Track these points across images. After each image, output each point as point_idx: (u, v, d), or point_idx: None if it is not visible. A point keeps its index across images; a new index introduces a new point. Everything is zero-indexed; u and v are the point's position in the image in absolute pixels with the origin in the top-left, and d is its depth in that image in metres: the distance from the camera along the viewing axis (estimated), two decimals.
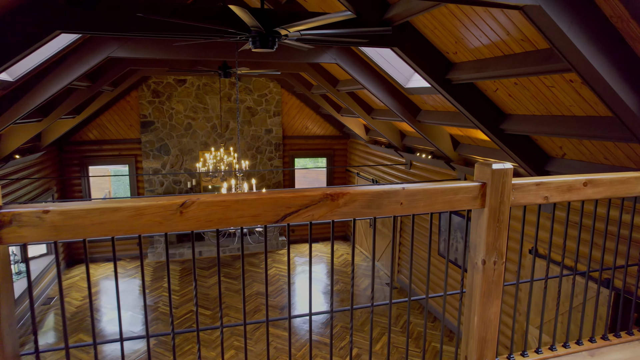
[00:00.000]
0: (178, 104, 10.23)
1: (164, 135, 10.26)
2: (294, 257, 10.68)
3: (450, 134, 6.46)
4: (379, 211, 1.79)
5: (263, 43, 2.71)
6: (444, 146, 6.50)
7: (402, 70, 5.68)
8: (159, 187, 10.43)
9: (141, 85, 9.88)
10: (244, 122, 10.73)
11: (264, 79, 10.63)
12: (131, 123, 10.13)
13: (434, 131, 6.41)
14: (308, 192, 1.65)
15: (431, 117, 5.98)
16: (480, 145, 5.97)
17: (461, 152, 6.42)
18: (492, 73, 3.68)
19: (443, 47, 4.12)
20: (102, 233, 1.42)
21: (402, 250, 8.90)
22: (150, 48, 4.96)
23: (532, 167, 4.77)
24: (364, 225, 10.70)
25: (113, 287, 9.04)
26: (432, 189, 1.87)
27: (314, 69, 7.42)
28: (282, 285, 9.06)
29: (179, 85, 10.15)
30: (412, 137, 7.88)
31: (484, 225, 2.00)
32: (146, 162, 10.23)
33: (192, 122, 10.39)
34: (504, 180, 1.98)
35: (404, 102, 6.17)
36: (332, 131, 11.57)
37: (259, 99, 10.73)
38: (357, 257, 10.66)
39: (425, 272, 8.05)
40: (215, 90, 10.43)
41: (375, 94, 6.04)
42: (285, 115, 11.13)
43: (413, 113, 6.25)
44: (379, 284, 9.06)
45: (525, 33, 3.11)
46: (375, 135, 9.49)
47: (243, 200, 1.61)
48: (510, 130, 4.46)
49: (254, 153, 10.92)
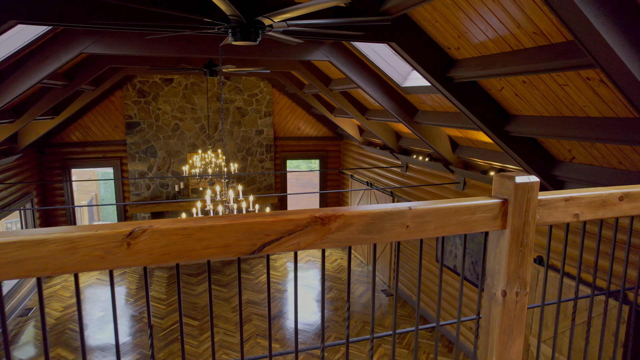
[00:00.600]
0: (165, 104, 9.84)
1: (150, 136, 9.86)
2: (286, 262, 10.33)
3: (449, 136, 6.15)
4: (380, 236, 1.44)
5: (244, 35, 2.37)
6: (442, 148, 6.18)
7: (399, 69, 5.36)
8: (145, 190, 10.03)
9: (126, 84, 9.47)
10: (233, 122, 10.35)
11: (254, 78, 10.28)
12: (116, 124, 9.72)
13: (431, 133, 6.09)
14: (292, 215, 1.30)
15: (429, 117, 5.66)
16: (481, 148, 5.66)
17: (460, 155, 6.11)
18: (499, 70, 3.36)
19: (444, 42, 3.79)
20: (21, 273, 1.05)
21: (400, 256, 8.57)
22: (128, 44, 4.59)
23: (538, 171, 4.47)
24: None
25: (97, 295, 8.64)
26: (445, 208, 1.52)
27: (305, 67, 7.08)
28: (274, 292, 8.71)
29: (165, 84, 9.76)
30: (409, 139, 7.56)
31: (505, 249, 1.65)
32: (132, 165, 9.83)
33: (179, 123, 10.00)
34: (529, 196, 1.63)
35: (400, 102, 5.85)
36: (325, 132, 11.23)
37: (249, 99, 10.37)
38: (351, 261, 10.32)
39: (423, 277, 7.74)
40: (204, 89, 10.05)
41: (370, 93, 5.71)
42: (276, 116, 10.78)
43: (410, 114, 5.93)
44: None
45: (538, 25, 2.79)
46: (370, 137, 9.17)
47: (209, 227, 1.25)
48: (516, 132, 4.15)
49: (244, 155, 10.55)
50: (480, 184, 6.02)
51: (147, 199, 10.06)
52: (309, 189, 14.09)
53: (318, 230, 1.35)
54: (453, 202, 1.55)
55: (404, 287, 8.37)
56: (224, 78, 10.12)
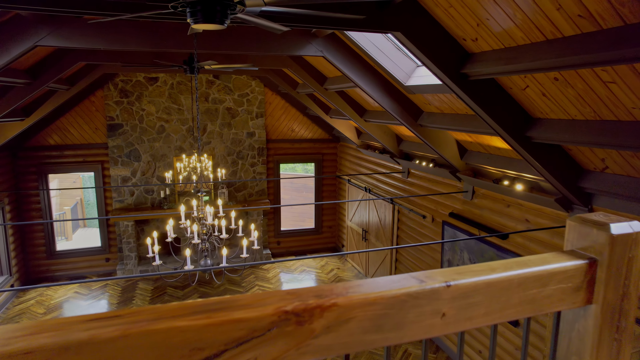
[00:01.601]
0: (149, 105, 9.21)
1: (133, 139, 9.23)
2: (279, 272, 9.72)
3: (457, 140, 5.56)
4: (400, 334, 0.81)
5: (206, 15, 1.78)
6: (448, 154, 5.59)
7: (402, 65, 4.76)
8: (129, 197, 9.39)
9: (107, 84, 8.84)
10: (223, 124, 9.73)
11: (244, 77, 9.66)
12: (97, 126, 9.08)
13: (437, 137, 5.50)
14: (244, 311, 0.68)
15: (435, 120, 5.07)
16: (493, 154, 5.07)
17: (469, 161, 5.51)
18: (527, 65, 2.76)
19: (459, 31, 3.19)
20: None
21: (399, 267, 7.99)
22: (90, 36, 3.97)
23: (564, 182, 3.88)
24: (356, 237, 9.78)
25: (77, 307, 8.01)
26: (502, 280, 0.89)
27: (298, 64, 6.47)
28: None
29: (150, 83, 9.13)
30: (411, 143, 6.97)
31: (590, 335, 1.03)
32: (114, 170, 9.19)
33: (165, 125, 9.37)
34: (632, 254, 1.00)
35: (403, 102, 5.25)
36: (321, 134, 10.63)
37: (239, 99, 9.75)
38: (348, 272, 9.73)
39: None
40: (191, 89, 9.43)
41: (369, 93, 5.11)
42: (269, 117, 10.16)
43: (414, 115, 5.33)
44: None
45: (587, 5, 2.19)
46: (368, 140, 8.57)
47: (82, 344, 0.62)
48: (540, 138, 3.56)
49: (234, 159, 9.93)
50: (491, 194, 5.42)
51: (131, 206, 9.43)
52: (304, 193, 13.48)
53: (291, 333, 0.71)
54: (515, 271, 0.93)
55: None
56: (213, 77, 9.50)
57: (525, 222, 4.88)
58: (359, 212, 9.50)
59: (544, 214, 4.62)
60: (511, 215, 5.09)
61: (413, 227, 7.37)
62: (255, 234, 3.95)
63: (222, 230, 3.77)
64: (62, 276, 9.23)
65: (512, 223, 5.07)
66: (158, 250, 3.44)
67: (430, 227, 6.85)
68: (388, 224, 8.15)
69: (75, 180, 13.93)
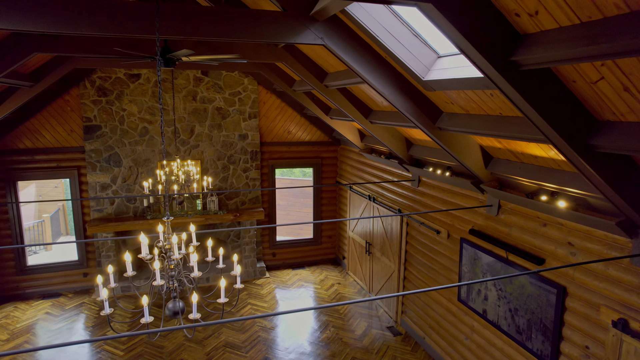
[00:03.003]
0: (131, 105, 8.34)
1: (113, 142, 8.36)
2: (275, 288, 8.86)
3: (481, 146, 4.72)
4: None
5: None
6: (471, 162, 4.75)
7: (421, 55, 3.91)
8: (108, 205, 8.52)
9: (82, 81, 7.97)
10: (212, 125, 8.87)
11: (236, 74, 8.80)
12: (72, 128, 8.21)
13: (458, 142, 4.65)
14: None
15: (459, 122, 4.22)
16: (527, 163, 4.23)
17: (496, 171, 4.67)
18: (623, 46, 1.91)
19: (511, 3, 2.35)
20: None
21: (408, 285, 7.14)
22: (27, 18, 3.11)
23: (632, 202, 3.04)
24: (359, 250, 8.93)
25: (47, 332, 7.14)
26: None
27: (294, 57, 5.62)
28: (258, 331, 7.23)
29: (131, 81, 8.26)
30: (423, 148, 6.12)
31: None
32: (92, 176, 8.32)
33: (148, 127, 8.51)
34: None
35: (419, 101, 4.40)
36: (320, 136, 9.77)
37: (230, 98, 8.89)
38: (350, 288, 8.88)
39: (440, 317, 6.29)
40: (177, 87, 8.57)
41: (378, 89, 4.26)
42: (263, 118, 9.30)
43: (431, 117, 4.49)
44: (377, 328, 7.30)
45: None
46: (373, 143, 7.72)
47: None
48: (609, 147, 2.71)
49: (225, 163, 9.07)
50: (522, 209, 4.58)
51: (111, 216, 8.56)
52: (302, 199, 12.62)
53: None
54: None
55: (415, 325, 6.93)
56: (201, 73, 8.63)
57: (567, 246, 4.03)
58: (362, 222, 8.65)
59: (594, 238, 3.77)
60: (548, 237, 4.24)
61: (424, 242, 6.52)
62: (238, 268, 3.10)
63: (194, 267, 2.92)
64: (34, 293, 8.35)
65: (549, 245, 4.23)
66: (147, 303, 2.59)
67: (445, 243, 6.00)
68: (395, 237, 7.30)
69: (57, 185, 13.05)
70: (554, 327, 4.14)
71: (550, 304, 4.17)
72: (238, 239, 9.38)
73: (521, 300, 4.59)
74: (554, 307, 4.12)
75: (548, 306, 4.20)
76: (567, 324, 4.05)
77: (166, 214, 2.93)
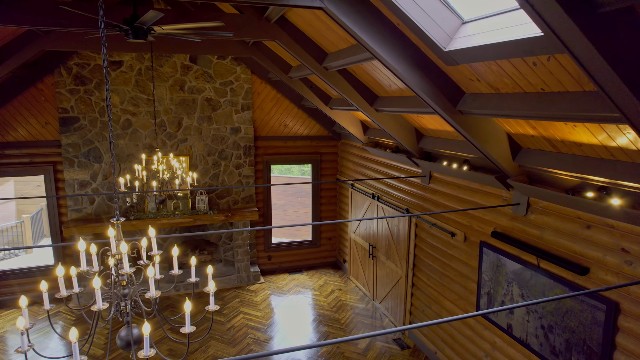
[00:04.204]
0: (112, 94, 7.62)
1: (92, 136, 7.64)
2: (270, 295, 8.14)
3: (509, 134, 4.01)
4: None
5: None
6: (496, 152, 4.04)
7: (442, 21, 3.20)
8: (88, 205, 7.80)
9: (58, 68, 7.24)
10: (202, 118, 8.15)
11: (228, 62, 8.08)
12: (47, 120, 7.49)
13: (482, 128, 3.95)
14: None
15: (486, 104, 3.51)
16: (569, 154, 3.52)
17: (526, 163, 3.97)
18: None
19: None
20: None
21: (417, 294, 6.43)
22: None
23: None
24: (362, 253, 8.22)
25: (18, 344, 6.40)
26: None
27: (289, 34, 4.91)
28: (250, 344, 6.51)
29: (112, 68, 7.54)
30: (435, 139, 5.42)
31: None
32: (69, 173, 7.60)
33: (131, 119, 7.79)
34: None
35: (437, 79, 3.69)
36: (319, 130, 9.06)
37: (221, 88, 8.17)
38: (352, 294, 8.17)
39: (455, 330, 5.58)
40: (163, 76, 7.85)
41: (390, 64, 3.55)
42: (257, 110, 8.59)
43: (452, 98, 3.78)
44: (382, 340, 6.59)
45: None
46: (377, 136, 7.01)
47: None
48: None
49: (215, 159, 8.35)
50: (558, 208, 3.87)
51: (91, 216, 7.84)
52: (299, 199, 11.90)
53: None
54: None
55: (425, 337, 6.23)
56: (189, 61, 7.91)
57: (620, 253, 3.33)
58: (365, 223, 7.94)
59: None
60: (594, 241, 3.54)
61: (436, 245, 5.81)
62: (211, 285, 2.38)
63: (151, 285, 2.21)
64: (5, 301, 7.63)
65: (595, 252, 3.52)
66: None
67: (461, 247, 5.29)
68: (403, 239, 6.59)
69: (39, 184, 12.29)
70: (602, 350, 3.43)
71: (597, 322, 3.46)
72: (230, 241, 8.66)
73: (557, 316, 3.88)
74: (603, 327, 3.41)
75: (594, 325, 3.49)
76: (620, 348, 3.34)
77: (116, 214, 2.21)
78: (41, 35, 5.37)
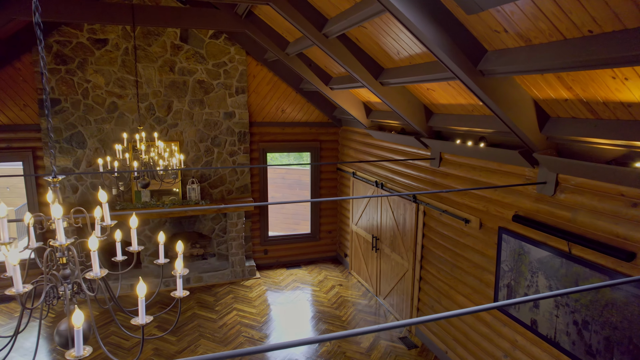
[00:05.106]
0: (96, 75, 7.09)
1: (75, 119, 7.11)
2: (266, 290, 7.62)
3: (535, 100, 3.49)
4: None
5: None
6: (522, 122, 3.52)
7: None
8: (71, 194, 7.27)
9: (36, 45, 6.71)
10: (193, 101, 7.62)
11: (221, 42, 7.55)
12: (25, 102, 6.96)
13: (506, 93, 3.42)
14: None
15: (514, 59, 2.99)
16: (611, 119, 3.00)
17: (556, 134, 3.44)
18: None
19: None
20: None
21: (425, 288, 5.91)
22: None
23: None
24: (364, 246, 7.69)
25: None
26: None
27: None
28: (244, 342, 5.98)
29: (96, 47, 7.01)
30: (447, 116, 4.90)
31: None
32: (49, 159, 7.06)
33: (117, 102, 7.26)
34: None
35: (456, 34, 3.17)
36: (318, 116, 8.54)
37: (214, 70, 7.64)
38: (354, 290, 7.64)
39: (469, 327, 5.06)
40: (152, 56, 7.32)
41: (403, 17, 3.03)
42: (253, 94, 8.06)
43: (472, 56, 3.26)
44: (387, 339, 6.06)
45: None
46: (382, 118, 6.49)
47: None
48: None
49: (208, 146, 7.82)
50: (595, 185, 3.35)
51: (74, 205, 7.29)
52: (297, 191, 11.38)
53: None
54: None
55: (434, 336, 5.70)
56: (180, 40, 7.38)
57: None
58: (368, 213, 7.42)
59: None
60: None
61: (447, 235, 5.29)
62: (179, 266, 1.86)
63: (94, 262, 1.69)
64: None
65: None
66: None
67: (476, 235, 4.77)
68: (409, 229, 6.07)
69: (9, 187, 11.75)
70: None
71: None
72: (224, 234, 8.14)
73: (595, 309, 3.35)
74: None
75: None
76: None
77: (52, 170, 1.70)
78: (9, 2, 4.85)
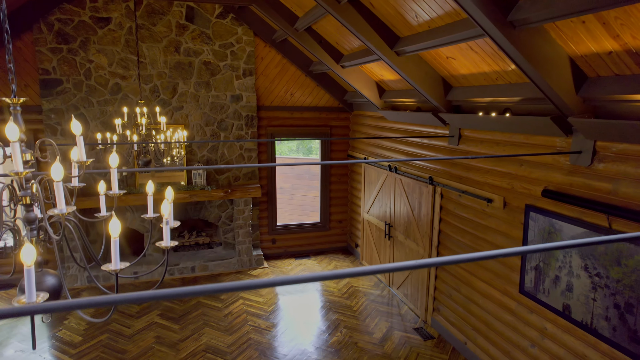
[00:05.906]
0: (99, 55, 6.85)
1: (77, 101, 6.88)
2: None
3: (571, 58, 3.14)
4: None
5: None
6: (556, 82, 3.17)
7: None
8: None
9: (37, 23, 6.49)
10: (199, 84, 7.35)
11: (228, 21, 7.28)
12: (26, 82, 6.74)
13: (539, 50, 3.08)
14: None
15: (548, 3, 2.65)
16: None
17: (594, 95, 3.09)
18: None
19: None
20: None
21: (442, 275, 5.57)
22: None
23: None
24: (376, 234, 7.36)
25: None
26: None
27: None
28: (250, 332, 5.69)
29: (99, 26, 6.77)
30: (467, 89, 4.55)
31: None
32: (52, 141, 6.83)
33: (121, 83, 7.01)
34: None
35: None
36: (329, 101, 8.23)
37: (221, 51, 7.37)
38: (365, 280, 7.31)
39: (490, 316, 4.71)
40: (157, 36, 7.07)
41: None
42: (260, 76, 7.78)
43: (503, 7, 2.92)
44: (401, 330, 5.73)
45: None
46: (396, 97, 6.16)
47: None
48: None
49: (215, 130, 7.55)
50: (639, 150, 3.00)
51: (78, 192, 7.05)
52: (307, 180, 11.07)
53: None
54: None
55: (451, 326, 5.36)
56: (185, 19, 7.12)
57: None
58: (381, 200, 7.09)
59: None
60: None
61: (466, 217, 4.95)
62: (167, 208, 1.57)
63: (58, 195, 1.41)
64: None
65: None
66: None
67: (499, 216, 4.42)
68: (425, 214, 5.73)
69: None
70: None
71: None
72: (230, 222, 7.86)
73: (637, 289, 3.00)
74: None
75: None
76: None
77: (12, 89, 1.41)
78: None
